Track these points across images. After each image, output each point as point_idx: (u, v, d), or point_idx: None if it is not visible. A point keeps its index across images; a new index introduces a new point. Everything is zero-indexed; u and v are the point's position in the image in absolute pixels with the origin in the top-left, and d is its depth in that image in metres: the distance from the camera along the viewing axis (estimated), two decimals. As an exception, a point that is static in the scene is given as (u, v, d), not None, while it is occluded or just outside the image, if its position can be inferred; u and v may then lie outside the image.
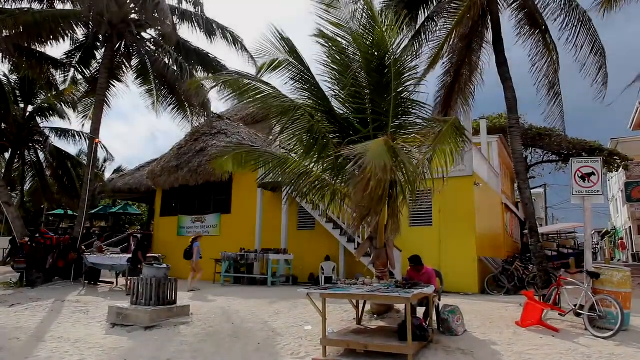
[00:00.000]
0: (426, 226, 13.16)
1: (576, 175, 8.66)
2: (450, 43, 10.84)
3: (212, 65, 17.29)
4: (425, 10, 13.57)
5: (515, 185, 18.53)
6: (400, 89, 7.43)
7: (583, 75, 11.85)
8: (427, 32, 13.37)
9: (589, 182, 8.61)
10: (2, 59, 15.90)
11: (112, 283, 13.68)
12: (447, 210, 12.92)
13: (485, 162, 15.74)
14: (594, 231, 42.12)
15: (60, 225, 29.82)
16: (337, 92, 7.82)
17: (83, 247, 15.08)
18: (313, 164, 7.98)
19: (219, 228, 17.35)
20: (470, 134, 13.29)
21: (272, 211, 15.35)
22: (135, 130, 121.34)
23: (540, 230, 20.63)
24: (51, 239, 13.98)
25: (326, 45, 7.49)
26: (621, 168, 28.03)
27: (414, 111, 7.79)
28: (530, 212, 11.60)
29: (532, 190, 14.62)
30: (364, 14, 7.32)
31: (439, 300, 7.51)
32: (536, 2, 12.42)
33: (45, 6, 15.93)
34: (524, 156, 24.67)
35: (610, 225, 44.12)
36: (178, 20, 16.93)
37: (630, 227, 31.65)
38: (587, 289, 7.29)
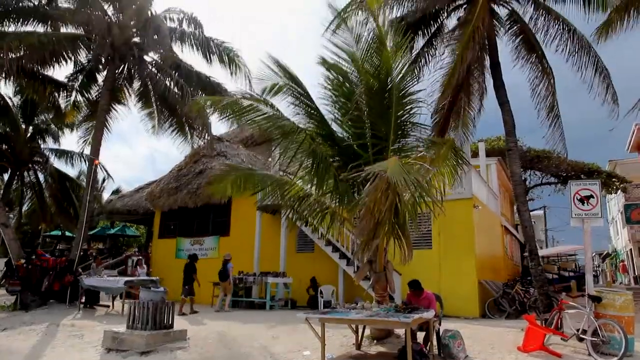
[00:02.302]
0: (426, 249, 13.07)
1: (575, 198, 8.66)
2: (460, 69, 10.99)
3: (213, 88, 17.45)
4: (425, 34, 13.78)
5: (515, 207, 18.52)
6: (401, 112, 7.49)
7: (592, 95, 11.96)
8: (428, 56, 13.58)
9: (588, 204, 8.59)
10: (7, 81, 16.08)
11: (108, 306, 13.49)
12: (447, 232, 12.87)
13: (484, 185, 15.76)
14: (594, 253, 41.94)
15: (57, 247, 29.57)
16: (337, 116, 7.88)
17: (80, 269, 14.93)
18: (313, 187, 7.98)
19: (217, 250, 17.22)
20: (469, 156, 13.34)
21: (271, 234, 15.27)
22: (134, 151, 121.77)
23: (541, 252, 20.50)
24: (47, 261, 13.86)
25: (328, 71, 7.58)
26: (620, 190, 28.05)
27: (413, 134, 7.83)
28: (530, 234, 11.55)
29: (531, 213, 14.59)
30: (370, 38, 7.41)
31: (440, 324, 7.40)
32: (532, 27, 12.62)
33: (49, 29, 16.17)
34: (523, 178, 24.72)
35: (611, 247, 43.88)
36: (179, 43, 17.15)
37: (630, 249, 31.46)
38: (589, 313, 7.20)
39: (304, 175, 7.89)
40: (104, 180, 28.29)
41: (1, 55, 14.09)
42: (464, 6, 12.80)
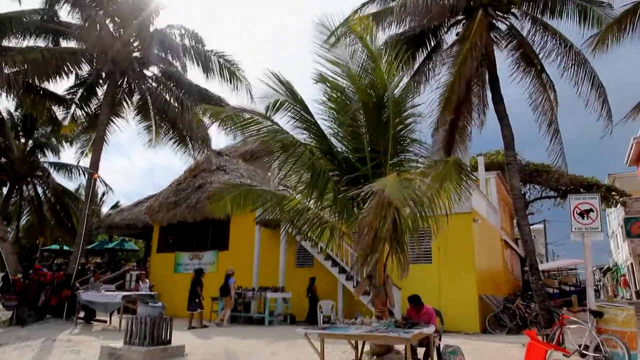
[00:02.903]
0: (426, 263, 13.01)
1: (575, 211, 8.66)
2: (459, 85, 11.07)
3: (213, 102, 17.53)
4: (425, 50, 13.91)
5: (515, 221, 18.47)
6: (398, 127, 7.52)
7: (588, 110, 12.04)
8: (427, 72, 13.69)
9: (587, 218, 8.59)
10: (8, 95, 16.16)
11: (105, 322, 13.35)
12: (447, 247, 12.82)
13: (483, 199, 15.75)
14: (595, 267, 41.73)
15: (55, 261, 29.41)
16: (336, 130, 7.90)
17: (77, 283, 14.82)
18: (312, 202, 7.97)
19: (216, 265, 17.13)
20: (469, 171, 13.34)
21: (270, 248, 15.20)
22: (133, 164, 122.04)
23: (541, 267, 20.42)
24: (45, 276, 13.75)
25: (326, 85, 7.63)
26: (619, 204, 28.04)
27: (412, 149, 7.85)
28: (530, 249, 11.51)
29: (531, 226, 14.60)
30: (361, 57, 7.49)
31: (440, 340, 7.32)
32: (530, 42, 12.75)
33: (51, 44, 16.31)
34: (523, 192, 24.71)
35: (612, 261, 43.69)
36: (179, 58, 17.27)
37: (631, 263, 31.32)
38: (591, 329, 7.14)
39: (303, 190, 7.88)
40: (103, 194, 28.23)
41: (6, 70, 14.20)
42: (463, 22, 12.94)
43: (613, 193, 27.37)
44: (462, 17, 12.96)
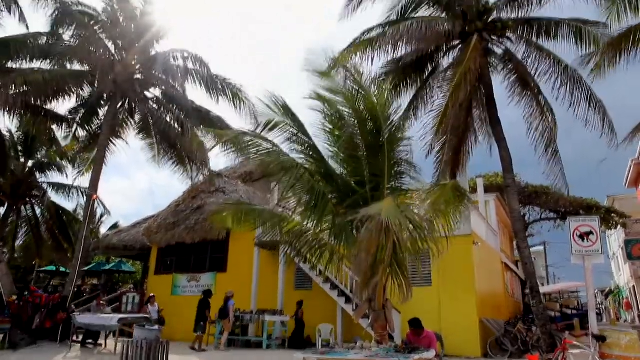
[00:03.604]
0: (425, 286, 12.87)
1: (575, 234, 8.63)
2: (451, 109, 11.20)
3: (214, 123, 17.65)
4: (422, 75, 14.11)
5: (515, 243, 18.40)
6: (394, 152, 7.57)
7: (589, 129, 12.12)
8: (425, 96, 13.85)
9: (588, 241, 8.56)
10: (10, 116, 16.28)
11: (100, 345, 13.12)
12: (446, 270, 12.70)
13: (483, 221, 15.70)
14: (597, 290, 41.28)
15: (51, 283, 29.09)
16: (335, 153, 7.94)
17: (73, 306, 14.62)
18: (311, 224, 7.94)
19: (214, 287, 16.89)
20: (468, 193, 13.35)
21: (268, 270, 15.06)
22: (134, 184, 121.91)
23: (542, 289, 20.24)
24: (40, 298, 13.57)
25: (323, 107, 7.70)
26: (619, 225, 27.99)
27: (409, 173, 7.87)
28: (530, 271, 11.45)
29: (531, 249, 14.50)
30: (352, 87, 7.60)
31: (441, 365, 7.20)
32: (525, 65, 12.92)
33: (55, 66, 16.51)
34: (522, 214, 24.70)
35: (613, 283, 43.32)
36: (181, 80, 17.46)
37: (634, 285, 31.06)
38: (594, 354, 7.04)
39: (302, 212, 7.86)
40: (102, 215, 28.13)
41: (7, 91, 14.35)
42: (459, 46, 13.15)
43: (613, 215, 27.36)
44: (458, 42, 13.19)
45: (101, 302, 14.78)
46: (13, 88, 14.74)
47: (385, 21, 13.29)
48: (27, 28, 15.75)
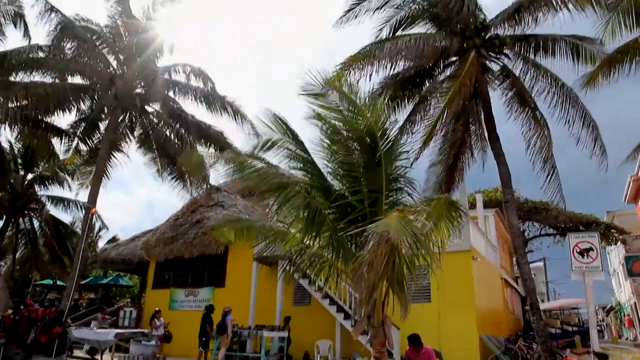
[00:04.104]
0: (425, 302, 12.77)
1: (574, 250, 8.61)
2: (444, 121, 11.23)
3: (214, 138, 17.70)
4: (419, 91, 14.19)
5: (514, 259, 18.32)
6: (390, 167, 7.59)
7: (580, 148, 12.15)
8: (422, 111, 13.92)
9: (588, 257, 8.55)
10: (11, 129, 16.33)
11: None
12: (446, 285, 12.57)
13: (482, 236, 15.66)
14: (597, 307, 40.99)
15: (48, 296, 28.85)
16: (333, 168, 7.96)
17: (69, 320, 14.46)
18: (310, 240, 7.92)
19: (212, 302, 16.78)
20: (467, 209, 13.36)
21: (267, 286, 14.95)
22: (133, 198, 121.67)
23: (542, 306, 20.10)
24: (36, 312, 13.44)
25: (320, 125, 7.75)
26: (619, 241, 27.90)
27: (406, 188, 7.88)
28: (530, 288, 11.36)
29: (531, 265, 14.44)
30: (345, 105, 7.66)
31: (440, 383, 7.11)
32: (522, 81, 13.01)
33: (56, 79, 16.61)
34: (522, 230, 24.65)
35: (614, 300, 42.99)
36: (182, 95, 17.56)
37: (635, 302, 30.82)
38: (595, 373, 6.96)
39: (300, 228, 7.85)
40: (100, 229, 28.03)
41: (8, 104, 14.41)
42: (456, 62, 13.26)
43: (612, 231, 27.30)
44: (455, 58, 13.30)
45: (106, 315, 14.64)
46: (14, 101, 14.81)
47: (378, 40, 13.29)
48: (30, 40, 15.91)
